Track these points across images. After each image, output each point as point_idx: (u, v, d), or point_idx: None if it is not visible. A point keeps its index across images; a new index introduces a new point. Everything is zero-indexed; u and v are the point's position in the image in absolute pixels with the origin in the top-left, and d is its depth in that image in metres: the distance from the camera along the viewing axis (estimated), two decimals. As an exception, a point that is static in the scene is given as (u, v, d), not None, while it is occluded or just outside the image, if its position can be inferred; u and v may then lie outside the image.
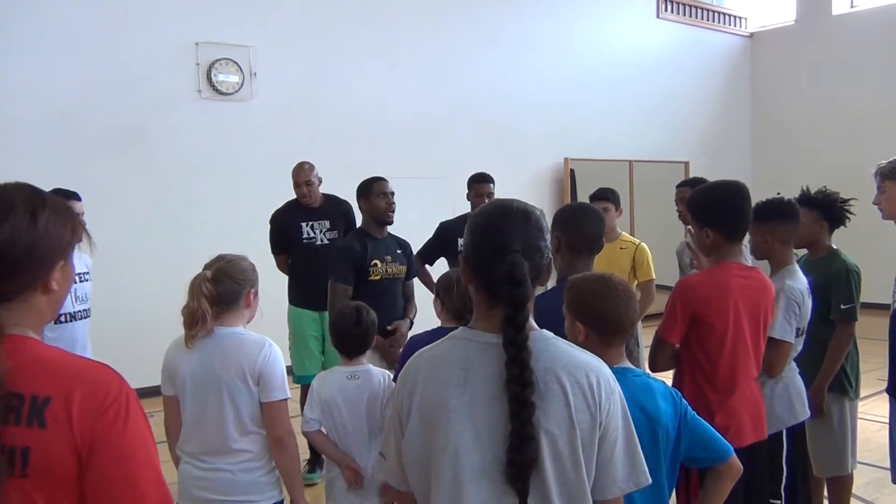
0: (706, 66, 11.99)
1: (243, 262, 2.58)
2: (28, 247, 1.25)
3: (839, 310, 3.48)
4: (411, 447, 1.51)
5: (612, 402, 1.50)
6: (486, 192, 4.78)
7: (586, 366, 1.49)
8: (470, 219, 1.58)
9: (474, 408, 1.44)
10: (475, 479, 1.43)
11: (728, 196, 2.76)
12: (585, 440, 1.45)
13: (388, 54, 8.52)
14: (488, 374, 1.44)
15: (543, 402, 1.42)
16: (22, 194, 1.28)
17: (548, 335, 1.52)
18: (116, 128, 6.82)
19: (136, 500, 1.21)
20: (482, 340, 1.49)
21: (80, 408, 1.19)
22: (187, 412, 2.52)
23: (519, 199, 1.61)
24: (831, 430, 3.55)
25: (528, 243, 1.49)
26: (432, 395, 1.48)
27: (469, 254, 1.54)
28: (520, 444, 1.39)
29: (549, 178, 10.09)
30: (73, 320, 3.82)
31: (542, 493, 1.43)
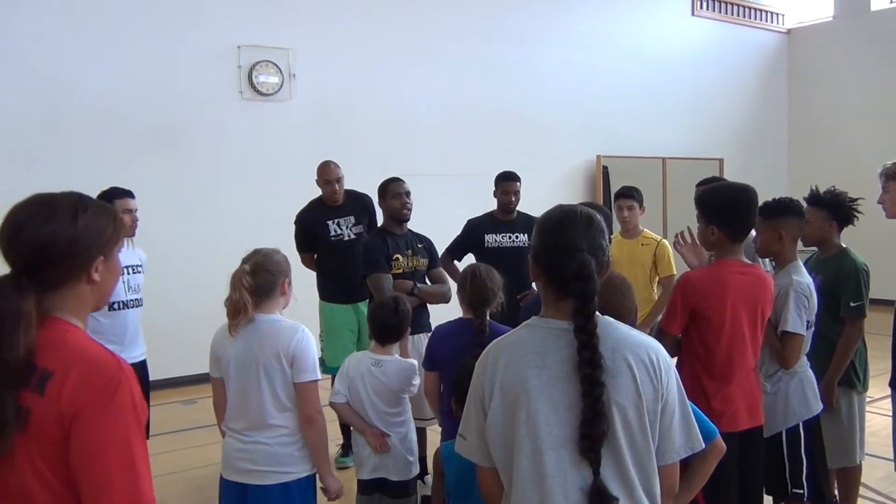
0: (742, 63, 11.96)
1: (277, 255, 2.85)
2: (69, 242, 1.48)
3: (848, 307, 3.59)
4: (495, 425, 1.70)
5: (669, 377, 1.70)
6: (513, 190, 4.96)
7: (646, 345, 1.70)
8: (538, 223, 1.79)
9: (550, 386, 1.64)
10: (554, 448, 1.62)
11: (739, 198, 2.92)
12: (650, 410, 1.65)
13: (422, 54, 8.73)
14: (562, 357, 1.64)
15: (613, 378, 1.61)
16: (68, 199, 1.54)
17: (611, 321, 1.73)
18: (160, 128, 7.15)
19: (103, 478, 1.39)
20: (554, 327, 1.69)
21: (73, 383, 1.40)
22: (231, 392, 2.80)
23: (549, 196, 1.80)
24: (840, 423, 3.68)
25: (592, 243, 1.70)
26: (513, 376, 1.67)
27: (538, 253, 1.75)
28: (592, 419, 1.58)
29: (581, 176, 10.21)
30: (126, 308, 4.13)
31: (616, 460, 1.62)
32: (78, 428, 1.40)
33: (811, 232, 3.76)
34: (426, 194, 7.91)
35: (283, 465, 2.73)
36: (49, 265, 1.48)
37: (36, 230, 1.46)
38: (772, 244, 3.32)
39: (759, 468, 2.97)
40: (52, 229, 1.47)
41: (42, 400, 1.40)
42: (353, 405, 3.27)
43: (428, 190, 8.13)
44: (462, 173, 8.64)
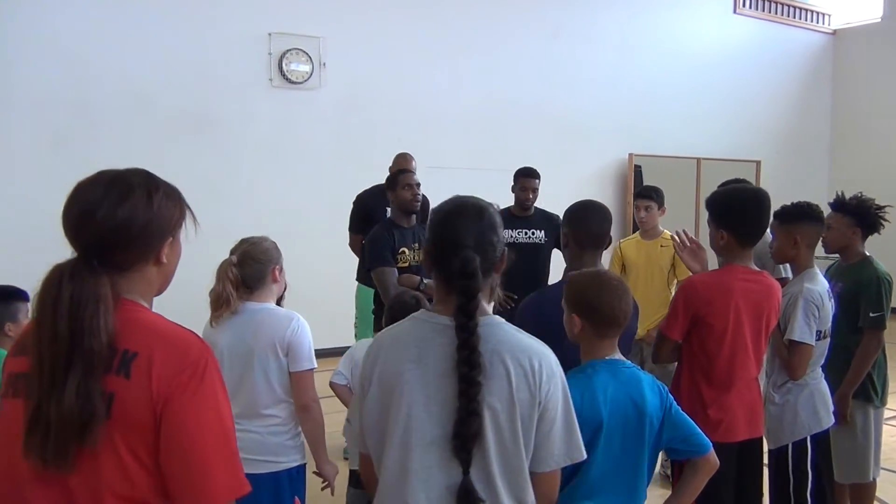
0: (784, 63, 11.66)
1: (265, 242, 2.83)
2: (144, 224, 1.43)
3: (868, 317, 3.47)
4: (370, 414, 1.70)
5: (552, 384, 1.65)
6: (531, 186, 4.90)
7: (530, 349, 1.65)
8: (430, 214, 1.76)
9: (426, 382, 1.62)
10: (422, 446, 1.60)
11: (749, 201, 2.83)
12: (525, 416, 1.61)
13: (454, 46, 8.67)
14: (441, 353, 1.61)
15: (488, 379, 1.58)
16: (139, 178, 1.48)
17: (498, 321, 1.69)
18: (190, 113, 7.22)
19: (204, 461, 1.35)
20: (437, 322, 1.66)
21: (160, 365, 1.35)
22: (225, 381, 2.77)
23: (579, 194, 1.74)
24: (854, 437, 3.56)
25: (480, 239, 1.66)
26: (390, 368, 1.66)
27: (428, 246, 1.73)
28: (466, 419, 1.55)
29: (612, 174, 10.07)
30: None
31: (483, 462, 1.59)
32: (172, 410, 1.35)
33: (834, 238, 3.64)
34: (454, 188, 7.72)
35: (273, 454, 2.71)
36: (123, 248, 1.42)
37: (110, 211, 1.40)
38: (787, 250, 3.21)
39: (757, 481, 2.88)
40: (129, 210, 1.41)
41: (129, 383, 1.35)
42: (354, 390, 3.25)
43: (456, 183, 7.97)
44: (491, 167, 8.56)
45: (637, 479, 2.19)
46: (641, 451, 2.18)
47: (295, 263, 7.03)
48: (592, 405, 2.11)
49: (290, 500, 2.70)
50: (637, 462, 2.18)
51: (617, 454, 2.15)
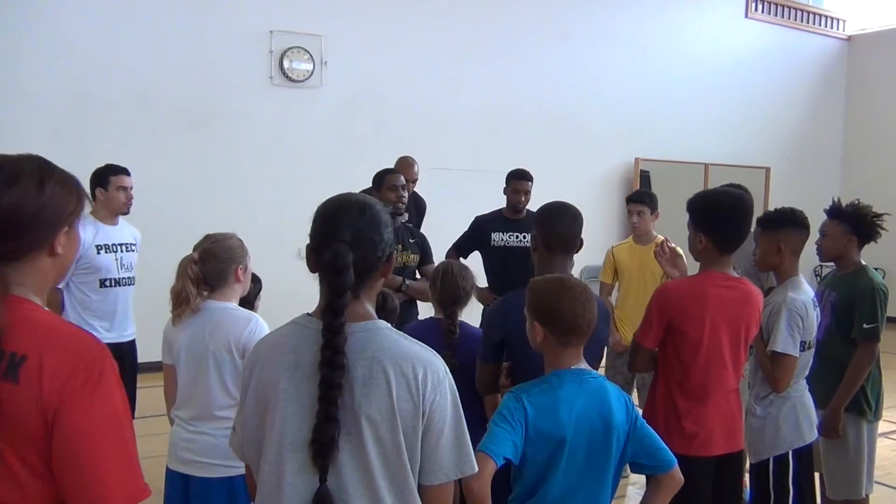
0: (797, 69, 11.50)
1: (230, 240, 2.73)
2: (34, 210, 1.36)
3: (861, 329, 3.35)
4: (249, 424, 1.62)
5: (438, 394, 1.54)
6: (524, 189, 4.81)
7: (414, 357, 1.55)
8: (316, 208, 1.65)
9: (300, 388, 1.53)
10: (297, 455, 1.52)
11: (730, 206, 2.73)
12: (408, 427, 1.51)
13: (458, 46, 8.60)
14: (315, 357, 1.51)
15: (367, 389, 1.50)
16: (30, 164, 1.40)
17: (381, 325, 1.59)
18: (190, 110, 7.18)
19: (100, 467, 1.29)
20: (314, 326, 1.55)
21: (52, 368, 1.28)
22: (181, 380, 2.71)
23: (583, 198, 1.62)
24: (846, 452, 3.43)
25: (358, 235, 1.56)
26: (267, 376, 1.58)
27: (310, 242, 1.62)
28: (323, 424, 1.47)
29: (618, 178, 9.95)
30: (118, 286, 4.09)
31: (365, 473, 1.51)
32: (65, 416, 1.28)
33: (829, 247, 3.52)
34: (457, 189, 7.83)
35: (227, 458, 2.60)
36: (11, 235, 1.35)
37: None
38: (770, 257, 3.10)
39: (736, 497, 2.77)
40: (16, 197, 1.35)
41: (17, 388, 1.27)
42: None
43: (459, 185, 8.02)
44: (495, 170, 8.46)
45: (601, 493, 2.10)
46: (607, 466, 2.09)
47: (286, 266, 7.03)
48: (554, 420, 2.02)
49: None
50: (602, 477, 2.09)
51: (581, 469, 2.06)
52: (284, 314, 4.76)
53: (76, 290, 3.99)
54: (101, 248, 4.02)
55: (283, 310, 4.82)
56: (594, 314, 2.12)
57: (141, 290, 4.35)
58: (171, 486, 2.72)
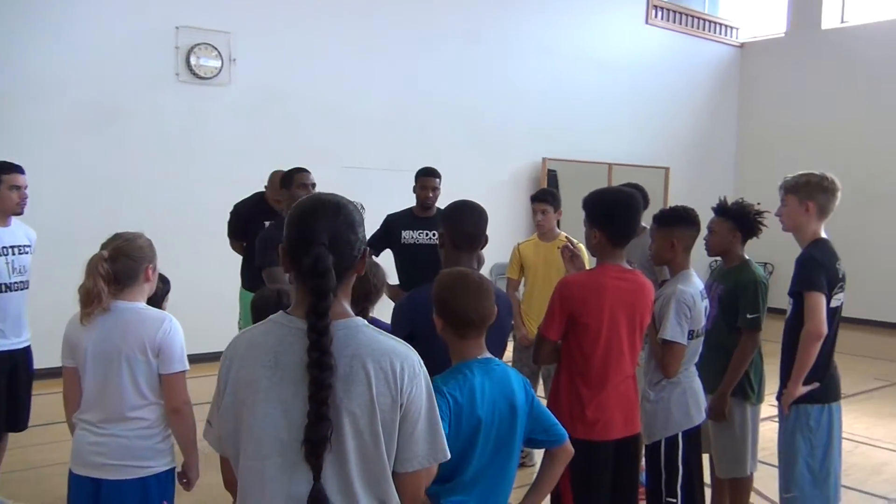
0: (694, 73, 12.07)
1: (139, 239, 2.71)
2: None
3: (745, 318, 3.60)
4: (226, 421, 1.64)
5: (415, 385, 1.61)
6: (431, 185, 4.91)
7: (391, 352, 1.61)
8: (289, 211, 1.68)
9: (282, 389, 1.56)
10: (279, 453, 1.55)
11: (620, 202, 2.92)
12: (386, 419, 1.57)
13: (369, 45, 8.64)
14: (298, 358, 1.55)
15: (348, 385, 1.55)
16: None
17: (360, 323, 1.64)
18: (95, 107, 6.96)
19: None
20: (294, 326, 1.59)
21: None
22: (88, 382, 2.65)
23: (492, 197, 1.66)
24: (732, 434, 3.69)
25: (336, 236, 1.59)
26: (245, 375, 1.60)
27: (285, 244, 1.65)
28: (315, 423, 1.50)
29: (526, 178, 10.21)
30: (9, 291, 3.91)
31: (340, 468, 1.56)
32: None
33: (716, 242, 3.78)
34: (368, 188, 7.85)
35: (141, 458, 2.62)
36: None
37: None
38: (664, 252, 3.32)
39: (633, 476, 2.95)
40: None
41: None
42: None
43: (370, 184, 8.06)
44: (406, 168, 8.54)
45: (508, 470, 2.24)
46: (513, 446, 2.23)
47: (201, 261, 6.90)
48: (472, 408, 2.13)
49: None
50: (509, 456, 2.23)
51: (492, 450, 2.18)
52: (194, 312, 4.75)
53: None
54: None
55: (192, 308, 4.79)
56: (488, 309, 2.22)
57: (37, 295, 4.22)
58: (77, 491, 2.67)
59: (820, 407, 3.26)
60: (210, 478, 2.69)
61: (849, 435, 4.47)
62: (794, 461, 3.26)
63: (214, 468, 1.91)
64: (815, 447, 3.25)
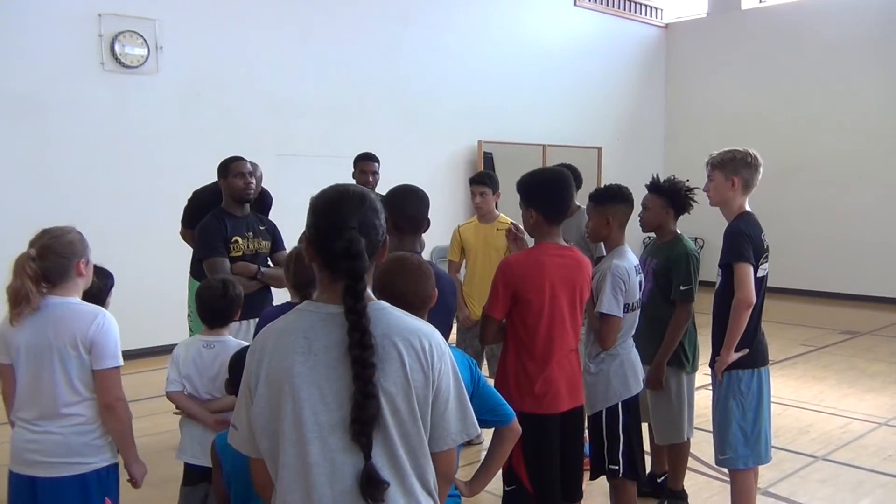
0: (622, 55, 12.32)
1: (69, 234, 2.64)
2: None
3: (678, 290, 3.75)
4: (260, 415, 1.64)
5: (443, 363, 1.66)
6: (370, 170, 4.93)
7: (418, 331, 1.66)
8: (311, 202, 1.71)
9: (317, 373, 1.59)
10: (320, 437, 1.58)
11: (551, 180, 3.01)
12: (421, 397, 1.62)
13: (300, 30, 8.54)
14: (330, 341, 1.59)
15: (382, 364, 1.58)
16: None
17: (384, 305, 1.68)
18: (11, 97, 6.71)
19: None
20: (324, 311, 1.63)
21: None
22: (22, 380, 2.60)
23: (430, 180, 1.69)
24: (669, 402, 3.84)
25: (364, 221, 1.65)
26: (278, 364, 1.61)
27: (311, 233, 1.68)
28: (363, 403, 1.54)
29: (463, 160, 10.28)
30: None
31: (386, 446, 1.60)
32: None
33: (650, 218, 3.91)
34: (305, 176, 7.72)
35: (78, 455, 2.58)
36: None
37: None
38: (601, 229, 3.43)
39: (579, 446, 3.07)
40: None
41: None
42: (190, 391, 3.10)
43: (307, 171, 7.97)
44: (343, 155, 8.50)
45: None
46: None
47: (129, 255, 6.75)
48: None
49: (99, 501, 2.58)
50: None
51: None
52: (135, 306, 4.68)
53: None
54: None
55: (133, 301, 4.70)
56: (427, 291, 2.28)
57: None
58: (16, 490, 2.62)
59: (750, 372, 3.39)
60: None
61: (777, 398, 4.67)
62: (727, 424, 3.40)
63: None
64: (746, 410, 3.39)
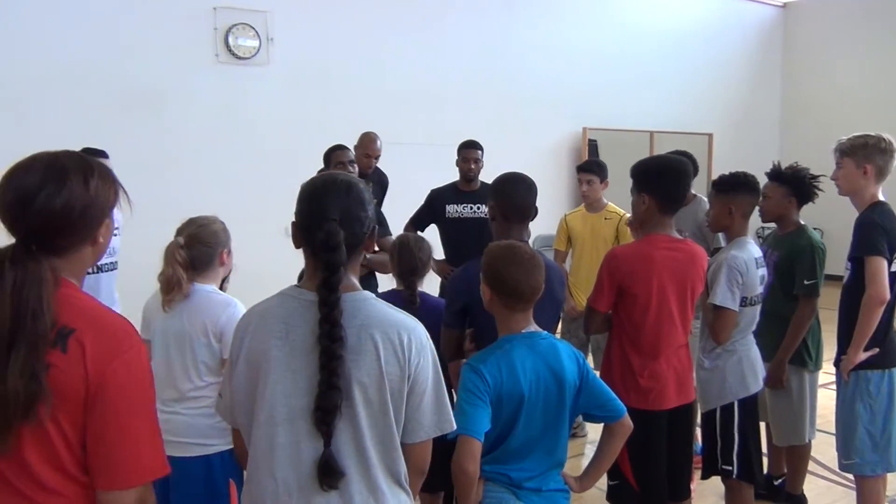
0: (735, 36, 11.77)
1: (214, 224, 2.75)
2: (83, 209, 1.45)
3: (802, 285, 3.54)
4: (238, 390, 1.71)
5: (422, 357, 1.67)
6: (473, 157, 4.90)
7: (399, 324, 1.66)
8: (301, 188, 1.73)
9: (292, 358, 1.63)
10: (289, 421, 1.62)
11: (670, 166, 2.89)
12: (395, 390, 1.63)
13: (405, 19, 8.58)
14: (308, 329, 1.61)
15: (357, 355, 1.60)
16: (74, 162, 1.47)
17: (367, 296, 1.70)
18: (133, 90, 7.03)
19: (134, 438, 1.42)
20: (304, 298, 1.66)
21: (94, 345, 1.39)
22: (156, 360, 2.72)
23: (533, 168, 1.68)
24: (790, 401, 3.65)
25: (346, 213, 1.65)
26: (257, 345, 1.67)
27: (297, 220, 1.71)
28: (326, 392, 1.57)
29: (566, 148, 10.11)
30: (100, 272, 4.05)
31: (353, 436, 1.62)
32: (106, 392, 1.38)
33: (770, 208, 3.70)
34: (408, 163, 7.84)
35: (202, 437, 2.66)
36: (63, 233, 1.44)
37: (49, 199, 1.40)
38: (722, 219, 3.26)
39: (688, 444, 2.94)
40: (67, 197, 1.42)
41: (65, 357, 1.37)
42: None
43: (410, 159, 8.04)
44: (446, 143, 8.52)
45: (558, 442, 2.25)
46: (562, 418, 2.23)
47: (240, 245, 6.95)
48: (512, 382, 2.14)
49: (223, 483, 2.63)
50: (558, 428, 2.23)
51: (539, 423, 2.19)
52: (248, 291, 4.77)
53: None
54: None
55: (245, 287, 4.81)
56: (539, 282, 2.22)
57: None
58: None
59: (880, 373, 3.19)
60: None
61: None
62: (854, 428, 3.21)
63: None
64: (875, 413, 3.20)
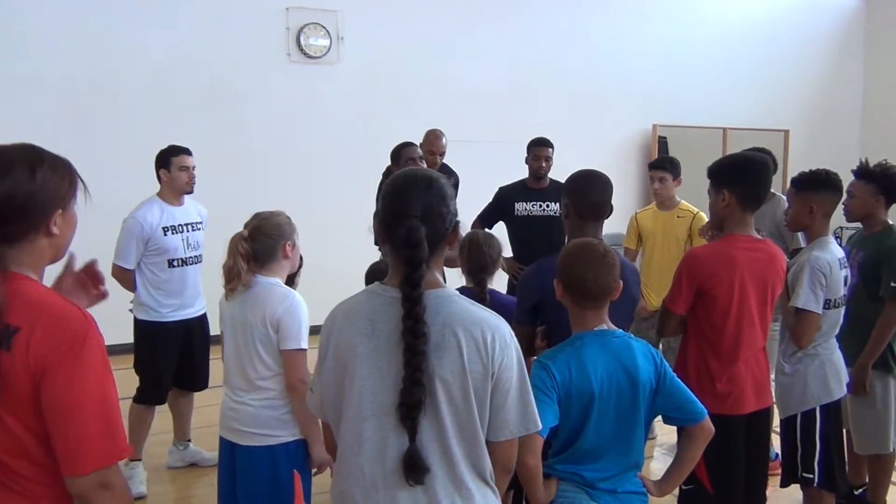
0: (812, 30, 11.35)
1: (277, 217, 2.81)
2: (27, 196, 1.49)
3: (889, 287, 3.39)
4: (327, 386, 1.74)
5: (506, 356, 1.65)
6: (544, 155, 4.86)
7: (482, 322, 1.66)
8: (384, 185, 1.74)
9: (378, 354, 1.64)
10: (375, 416, 1.64)
11: (750, 162, 2.82)
12: (478, 388, 1.63)
13: (474, 16, 8.57)
14: (393, 325, 1.62)
15: (440, 352, 1.61)
16: (21, 153, 1.52)
17: (451, 293, 1.70)
18: (209, 89, 7.23)
19: (80, 426, 1.42)
20: (389, 295, 1.67)
21: (40, 338, 1.42)
22: (226, 350, 2.82)
23: (602, 165, 1.91)
24: (874, 408, 3.50)
25: (428, 209, 1.65)
26: (344, 341, 1.69)
27: (380, 217, 1.73)
28: (409, 388, 1.58)
29: (636, 145, 9.94)
30: (185, 265, 4.17)
31: (438, 432, 1.63)
32: (48, 381, 1.41)
33: (857, 207, 3.56)
34: (478, 161, 7.83)
35: (267, 427, 2.71)
36: (7, 221, 1.48)
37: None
38: (802, 218, 3.15)
39: (765, 450, 2.85)
40: (9, 186, 1.47)
41: (9, 355, 1.41)
42: None
43: (480, 156, 8.04)
44: (515, 140, 8.48)
45: (633, 443, 2.21)
46: (636, 418, 2.19)
47: (312, 241, 7.06)
48: (582, 380, 2.11)
49: (287, 474, 2.66)
50: (633, 428, 2.19)
51: (612, 423, 2.15)
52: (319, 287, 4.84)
53: (147, 270, 4.09)
54: (167, 229, 4.08)
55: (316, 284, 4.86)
56: (609, 282, 2.19)
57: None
58: (221, 453, 2.84)
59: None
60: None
61: None
62: (942, 437, 3.06)
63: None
64: (966, 423, 3.04)
